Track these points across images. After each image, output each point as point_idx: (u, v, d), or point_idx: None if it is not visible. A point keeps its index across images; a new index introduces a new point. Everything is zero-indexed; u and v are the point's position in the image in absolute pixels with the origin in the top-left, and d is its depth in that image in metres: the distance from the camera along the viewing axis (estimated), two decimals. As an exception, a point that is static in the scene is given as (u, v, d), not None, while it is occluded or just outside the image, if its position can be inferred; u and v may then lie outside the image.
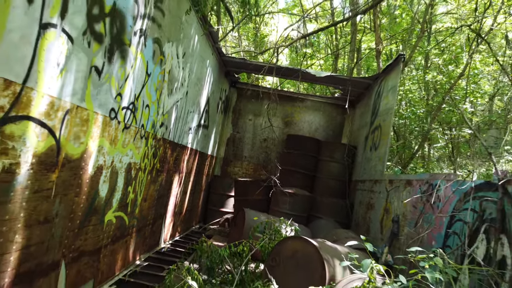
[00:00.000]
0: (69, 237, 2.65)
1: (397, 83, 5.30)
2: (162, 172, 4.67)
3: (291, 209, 6.47)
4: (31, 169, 2.07)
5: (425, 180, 3.70)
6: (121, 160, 3.29)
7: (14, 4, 1.75)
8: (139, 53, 3.27)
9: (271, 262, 3.45)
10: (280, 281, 3.23)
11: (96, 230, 3.07)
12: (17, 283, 2.14)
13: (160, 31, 3.70)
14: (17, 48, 1.81)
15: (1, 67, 1.73)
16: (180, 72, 4.67)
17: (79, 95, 2.42)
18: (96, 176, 2.88)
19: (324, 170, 7.30)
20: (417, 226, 3.64)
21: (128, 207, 3.68)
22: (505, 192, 2.40)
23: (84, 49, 2.39)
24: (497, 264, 2.40)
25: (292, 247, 3.39)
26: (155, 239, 4.91)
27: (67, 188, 2.50)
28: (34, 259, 2.27)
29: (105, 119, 2.84)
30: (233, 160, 8.64)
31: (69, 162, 2.46)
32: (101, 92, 2.71)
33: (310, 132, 8.53)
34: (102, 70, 2.66)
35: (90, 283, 3.14)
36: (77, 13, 2.26)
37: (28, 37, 1.87)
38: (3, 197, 1.91)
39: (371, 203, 5.39)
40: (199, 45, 5.29)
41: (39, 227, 2.27)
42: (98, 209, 3.03)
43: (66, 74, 2.25)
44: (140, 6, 3.13)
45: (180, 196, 5.76)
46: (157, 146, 4.28)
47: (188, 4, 4.12)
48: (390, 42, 13.13)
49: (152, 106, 3.86)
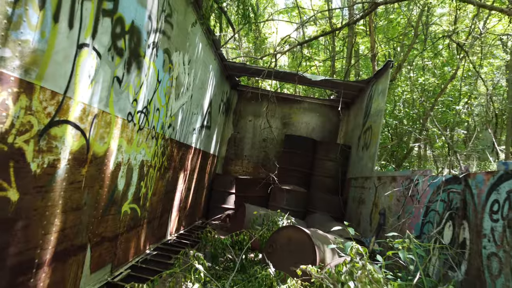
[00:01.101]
0: (93, 224, 3.07)
1: (387, 87, 5.72)
2: (169, 170, 5.09)
3: (288, 204, 6.89)
4: (67, 164, 2.49)
5: (407, 176, 4.13)
6: (135, 158, 3.71)
7: (60, 30, 2.17)
8: (151, 63, 3.69)
9: (269, 249, 3.87)
10: (277, 265, 3.65)
11: (115, 219, 3.49)
12: (55, 259, 2.56)
13: (169, 42, 4.12)
14: (61, 66, 2.24)
15: (50, 82, 2.16)
16: (186, 78, 5.09)
17: (104, 102, 2.85)
18: (115, 172, 3.30)
19: (319, 168, 7.72)
20: (399, 217, 4.07)
21: (140, 200, 4.10)
22: (466, 184, 2.83)
23: (108, 63, 2.81)
24: (459, 245, 2.83)
25: (287, 235, 3.81)
26: (162, 231, 5.33)
27: (93, 181, 2.92)
28: (68, 241, 2.69)
29: (123, 122, 3.26)
30: (234, 159, 9.06)
31: (96, 159, 2.88)
32: (121, 98, 3.13)
33: (307, 132, 8.95)
34: (122, 79, 3.08)
35: (109, 266, 3.56)
36: (104, 33, 2.68)
37: (69, 56, 2.30)
38: (48, 187, 2.33)
39: (362, 198, 5.81)
40: (203, 52, 5.71)
41: (72, 214, 2.69)
42: (117, 200, 3.45)
43: (95, 85, 2.67)
44: (153, 22, 3.55)
45: (184, 192, 6.18)
46: (165, 145, 4.70)
47: (194, 17, 4.54)
48: (386, 45, 13.55)
49: (162, 109, 4.28)
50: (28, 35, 1.92)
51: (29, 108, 2.02)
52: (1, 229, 1.99)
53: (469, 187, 2.79)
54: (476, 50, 11.60)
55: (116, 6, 2.79)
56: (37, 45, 2.00)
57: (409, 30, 11.11)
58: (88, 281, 3.14)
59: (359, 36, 14.36)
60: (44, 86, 2.11)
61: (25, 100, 1.98)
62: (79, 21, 2.35)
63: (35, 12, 1.95)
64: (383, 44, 14.28)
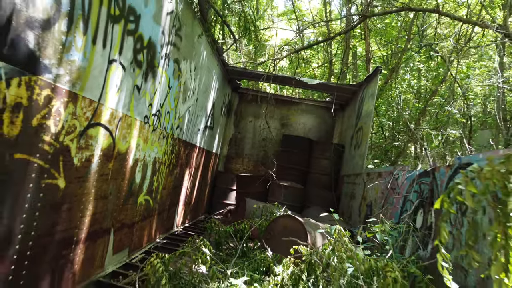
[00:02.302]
0: (116, 211, 3.58)
1: (375, 91, 6.22)
2: (177, 166, 5.60)
3: (286, 200, 7.40)
4: (99, 159, 3.01)
5: (390, 172, 4.64)
6: (149, 155, 4.23)
7: (97, 50, 2.69)
8: (164, 72, 4.20)
9: (267, 235, 4.39)
10: (274, 250, 4.16)
11: (132, 208, 4.00)
12: (88, 239, 3.07)
13: (178, 52, 4.63)
14: (96, 79, 2.75)
15: (88, 92, 2.67)
16: (192, 83, 5.60)
17: (127, 107, 3.36)
18: (134, 167, 3.81)
19: (315, 166, 8.24)
20: (383, 208, 4.58)
21: (153, 193, 4.62)
22: (433, 177, 3.34)
23: (131, 74, 3.33)
24: (427, 228, 3.34)
25: (283, 223, 4.32)
26: (170, 222, 5.84)
27: (117, 174, 3.43)
28: (97, 224, 3.20)
29: (141, 124, 3.77)
30: (235, 157, 9.58)
31: (119, 155, 3.39)
32: (139, 103, 3.64)
33: (304, 132, 9.46)
34: (140, 87, 3.60)
35: (127, 249, 4.08)
36: (128, 49, 3.19)
37: (102, 70, 2.81)
38: (84, 178, 2.84)
39: (354, 193, 6.32)
40: (207, 59, 6.23)
41: (101, 201, 3.20)
42: (134, 192, 3.96)
43: (120, 93, 3.18)
44: (165, 36, 4.06)
45: (189, 188, 6.69)
46: (174, 144, 5.21)
47: (200, 30, 5.06)
48: (383, 46, 14.06)
49: (171, 112, 4.79)
50: (75, 56, 2.43)
51: (74, 113, 2.53)
52: (52, 210, 2.50)
53: (435, 179, 3.31)
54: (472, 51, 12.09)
55: (137, 26, 3.30)
56: (80, 63, 2.51)
57: (403, 35, 11.62)
58: (111, 260, 3.65)
59: (356, 39, 14.89)
60: (85, 95, 2.62)
61: (72, 107, 2.49)
62: (110, 41, 2.86)
63: (80, 38, 2.46)
64: (381, 45, 14.81)
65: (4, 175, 2.00)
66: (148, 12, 3.47)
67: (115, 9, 2.87)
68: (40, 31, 2.07)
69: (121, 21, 3.00)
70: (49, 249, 2.53)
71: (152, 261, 2.77)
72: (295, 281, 3.23)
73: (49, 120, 2.28)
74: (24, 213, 2.20)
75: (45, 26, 2.11)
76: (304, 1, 17.32)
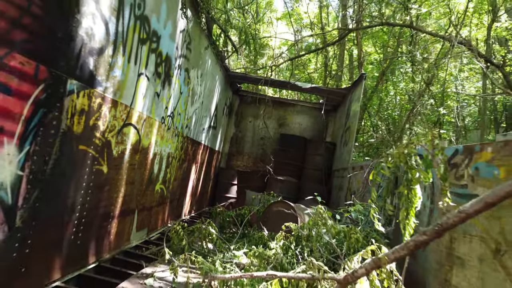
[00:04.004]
0: (139, 196, 4.36)
1: (361, 94, 7.01)
2: (185, 161, 6.38)
3: (282, 192, 8.17)
4: (129, 152, 3.79)
5: (369, 164, 5.42)
6: (164, 150, 5.01)
7: (130, 67, 3.47)
8: (177, 80, 4.98)
9: (264, 218, 5.17)
10: (269, 230, 4.94)
11: (151, 194, 4.78)
12: (120, 216, 3.86)
13: (188, 62, 5.42)
14: (129, 89, 3.53)
15: (124, 99, 3.45)
16: (198, 88, 6.39)
17: (149, 110, 4.14)
18: (153, 159, 4.59)
19: (309, 162, 9.03)
20: (363, 197, 5.36)
21: (166, 183, 5.40)
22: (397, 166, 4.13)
23: (153, 84, 4.11)
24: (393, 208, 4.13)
25: (277, 208, 5.10)
26: (179, 211, 6.63)
27: (141, 165, 4.21)
28: (126, 204, 3.99)
29: (159, 124, 4.55)
30: (236, 155, 10.37)
31: (143, 149, 4.18)
32: (158, 107, 4.42)
33: (300, 131, 10.24)
34: (159, 94, 4.38)
35: (146, 229, 4.86)
36: (151, 64, 3.98)
37: (133, 82, 3.59)
38: (119, 166, 3.62)
39: (341, 185, 7.11)
40: (211, 67, 7.01)
41: (130, 186, 3.98)
42: (153, 180, 4.74)
43: (145, 99, 3.96)
44: (179, 50, 4.84)
45: (195, 181, 7.47)
46: (183, 141, 5.99)
47: (206, 42, 5.84)
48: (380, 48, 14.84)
49: (182, 114, 5.57)
50: (116, 72, 3.22)
51: (114, 116, 3.31)
52: (98, 190, 3.28)
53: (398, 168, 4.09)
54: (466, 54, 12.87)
55: (158, 44, 4.09)
56: (120, 78, 3.30)
57: (392, 41, 12.40)
58: (135, 236, 4.44)
59: (350, 43, 15.67)
60: (122, 102, 3.40)
61: (113, 111, 3.27)
62: (139, 59, 3.64)
63: (120, 58, 3.24)
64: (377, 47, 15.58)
65: (73, 161, 2.78)
66: (166, 33, 4.26)
67: (143, 34, 3.65)
68: (96, 56, 2.85)
69: (147, 42, 3.78)
70: (95, 220, 3.32)
71: (175, 227, 3.55)
72: (285, 250, 4.01)
73: (99, 121, 3.06)
74: (82, 189, 2.98)
75: (100, 52, 2.89)
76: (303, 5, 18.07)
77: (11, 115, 2.10)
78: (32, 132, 2.27)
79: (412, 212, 2.13)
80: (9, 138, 2.11)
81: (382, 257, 2.07)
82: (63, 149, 2.61)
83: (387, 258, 2.05)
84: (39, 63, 2.24)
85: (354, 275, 2.21)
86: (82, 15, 2.58)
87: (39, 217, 2.46)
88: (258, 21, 18.14)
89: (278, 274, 2.59)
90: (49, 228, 2.63)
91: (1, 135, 2.05)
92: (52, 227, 2.68)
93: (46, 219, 2.56)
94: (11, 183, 2.17)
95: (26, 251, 2.40)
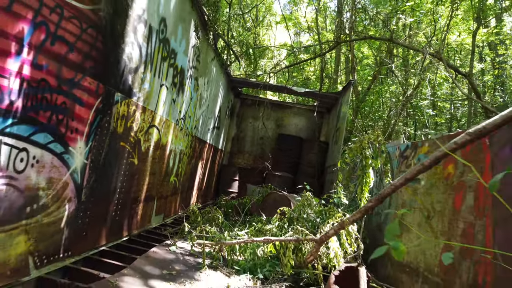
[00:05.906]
0: (158, 185, 5.22)
1: (349, 99, 7.87)
2: (193, 158, 7.24)
3: (278, 186, 9.04)
4: (152, 148, 4.65)
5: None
6: (178, 147, 5.87)
7: (155, 80, 4.34)
8: (188, 87, 5.85)
9: (262, 206, 6.03)
10: (267, 215, 5.81)
11: (167, 185, 5.64)
12: (144, 201, 4.71)
13: (197, 72, 6.28)
14: (154, 97, 4.39)
15: (150, 106, 4.31)
16: (205, 93, 7.25)
17: (167, 114, 5.00)
18: (169, 155, 5.45)
19: (304, 159, 9.89)
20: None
21: (178, 176, 6.26)
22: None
23: (170, 92, 4.97)
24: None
25: (273, 197, 5.97)
26: (187, 202, 7.48)
27: (160, 159, 5.07)
28: (149, 191, 4.84)
29: (174, 125, 5.42)
30: (237, 153, 11.23)
31: (162, 146, 5.04)
32: (174, 111, 5.29)
33: (296, 132, 11.11)
34: (175, 100, 5.24)
35: (162, 215, 5.72)
36: (169, 76, 4.84)
37: (157, 92, 4.46)
38: (145, 159, 4.48)
39: (332, 179, 7.97)
40: (216, 74, 7.88)
41: (152, 176, 4.84)
42: (168, 173, 5.60)
43: (164, 105, 4.82)
44: (190, 62, 5.71)
45: (201, 176, 8.33)
46: (192, 140, 6.85)
47: (212, 54, 6.71)
48: (376, 50, 15.72)
49: (192, 116, 6.43)
50: (146, 85, 4.08)
51: (144, 119, 4.17)
52: (131, 178, 4.14)
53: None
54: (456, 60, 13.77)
55: (175, 60, 4.95)
56: (148, 89, 4.16)
57: (384, 49, 13.28)
58: (154, 219, 5.30)
59: (346, 47, 16.55)
60: (149, 108, 4.26)
61: (143, 115, 4.13)
62: (161, 73, 4.51)
63: (149, 74, 4.11)
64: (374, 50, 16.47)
65: (116, 154, 3.64)
66: (181, 49, 5.13)
67: (164, 53, 4.52)
68: (133, 74, 3.72)
69: (167, 59, 4.65)
70: (128, 202, 4.18)
71: (192, 207, 4.42)
72: (280, 230, 4.87)
73: (133, 123, 3.92)
74: (121, 176, 3.85)
75: (135, 70, 3.76)
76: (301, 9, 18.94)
77: (82, 120, 2.97)
78: (93, 132, 3.14)
79: (366, 188, 3.00)
80: (81, 136, 2.97)
81: (345, 220, 2.93)
82: (111, 145, 3.47)
83: (348, 220, 2.91)
84: (99, 82, 3.10)
85: (326, 235, 3.08)
86: (125, 44, 3.45)
87: (95, 195, 3.33)
88: (258, 25, 19.03)
89: (272, 238, 3.46)
90: (100, 205, 3.50)
91: (76, 134, 2.91)
92: (103, 204, 3.55)
93: (99, 197, 3.43)
94: (81, 168, 3.03)
95: (86, 220, 3.26)
